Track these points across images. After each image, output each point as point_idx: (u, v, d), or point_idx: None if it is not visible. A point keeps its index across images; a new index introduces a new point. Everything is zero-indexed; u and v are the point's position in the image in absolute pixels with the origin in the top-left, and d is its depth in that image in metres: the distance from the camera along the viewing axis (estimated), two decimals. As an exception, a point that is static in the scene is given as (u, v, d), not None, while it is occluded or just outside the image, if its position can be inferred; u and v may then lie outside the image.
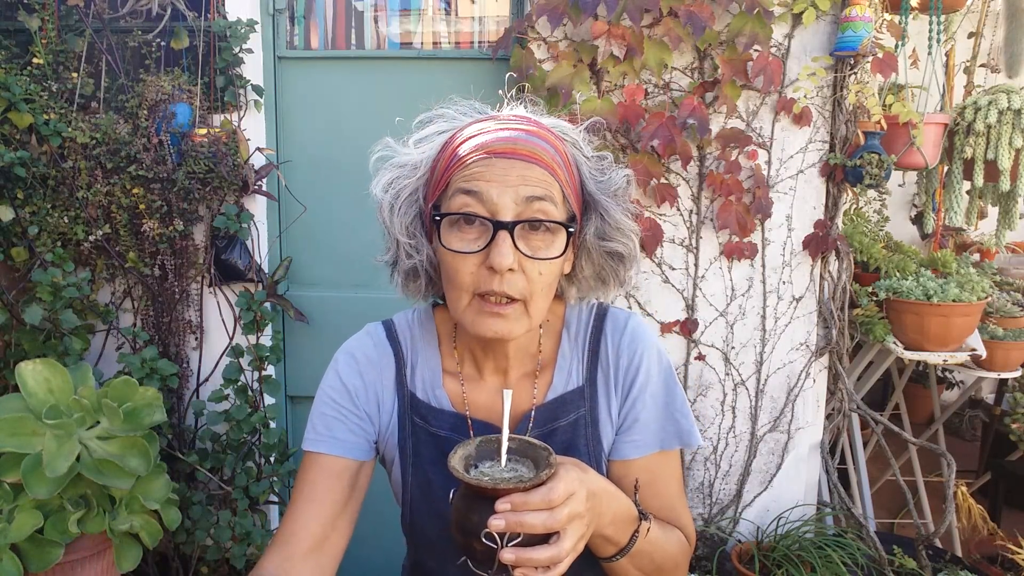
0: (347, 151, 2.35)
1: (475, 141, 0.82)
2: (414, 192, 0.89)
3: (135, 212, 2.20)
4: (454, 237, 0.82)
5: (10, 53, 2.22)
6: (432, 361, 0.96)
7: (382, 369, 0.96)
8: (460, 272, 0.81)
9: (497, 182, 0.79)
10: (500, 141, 0.81)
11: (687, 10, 2.00)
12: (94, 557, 1.80)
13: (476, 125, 0.86)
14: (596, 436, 0.95)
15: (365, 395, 0.95)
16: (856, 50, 2.00)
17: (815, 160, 2.19)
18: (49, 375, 1.79)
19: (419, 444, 0.94)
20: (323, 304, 2.39)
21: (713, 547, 2.23)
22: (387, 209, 0.90)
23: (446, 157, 0.84)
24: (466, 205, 0.80)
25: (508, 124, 0.85)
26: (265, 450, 2.24)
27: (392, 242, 0.91)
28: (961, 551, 2.54)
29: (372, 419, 0.95)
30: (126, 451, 1.79)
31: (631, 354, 0.95)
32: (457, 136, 0.86)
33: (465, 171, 0.81)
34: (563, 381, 0.95)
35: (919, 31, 2.50)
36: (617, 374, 0.95)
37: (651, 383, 0.95)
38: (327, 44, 2.42)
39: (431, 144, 0.88)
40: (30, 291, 2.11)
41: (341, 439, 0.93)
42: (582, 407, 0.95)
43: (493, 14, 2.41)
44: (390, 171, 0.91)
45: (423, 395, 0.95)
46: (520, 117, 0.88)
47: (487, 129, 0.84)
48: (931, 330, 2.15)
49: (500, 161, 0.80)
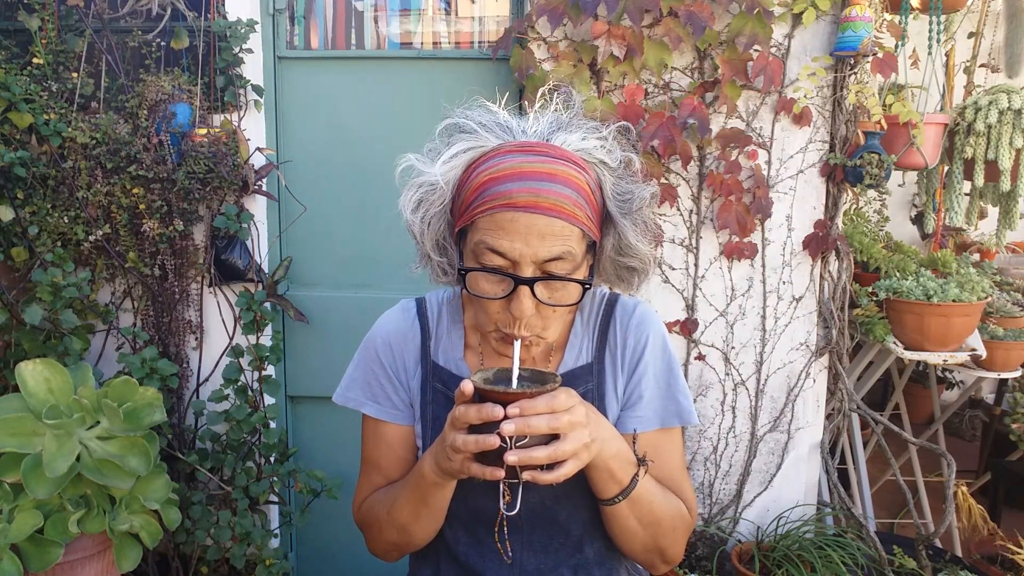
0: (347, 151, 2.35)
1: (500, 188, 0.83)
2: (441, 211, 0.91)
3: (135, 212, 2.20)
4: (481, 278, 0.87)
5: (10, 53, 2.22)
6: (456, 337, 1.04)
7: (409, 340, 1.05)
8: (486, 309, 0.89)
9: (520, 240, 0.83)
10: (525, 192, 0.82)
11: (687, 10, 2.00)
12: (94, 557, 1.80)
13: (503, 161, 0.85)
14: (601, 409, 1.01)
15: (394, 363, 1.04)
16: (856, 50, 2.00)
17: (815, 160, 2.19)
18: (49, 375, 1.79)
19: (439, 409, 1.01)
20: (323, 304, 2.39)
21: (713, 547, 2.23)
22: (417, 230, 0.93)
23: (472, 188, 0.86)
24: (490, 260, 0.85)
25: (535, 162, 0.84)
26: (265, 450, 2.24)
27: (423, 257, 0.97)
28: (961, 551, 2.54)
29: (403, 383, 1.04)
30: (126, 451, 1.79)
31: (638, 335, 1.02)
32: (484, 166, 0.86)
33: (490, 221, 0.84)
34: (573, 357, 1.03)
35: (919, 31, 2.50)
36: (624, 353, 1.03)
37: (654, 363, 1.02)
38: (327, 44, 2.42)
39: (455, 164, 0.88)
40: (30, 291, 2.11)
41: (387, 408, 1.04)
42: (590, 382, 1.02)
43: (493, 14, 2.41)
44: (416, 190, 0.91)
45: (445, 364, 1.03)
46: (546, 147, 0.86)
47: (514, 170, 0.83)
48: (931, 330, 2.15)
49: (523, 217, 0.82)
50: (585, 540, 1.02)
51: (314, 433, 2.49)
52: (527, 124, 0.90)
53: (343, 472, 2.41)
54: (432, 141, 0.93)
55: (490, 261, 0.85)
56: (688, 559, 2.23)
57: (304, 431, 2.50)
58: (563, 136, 0.89)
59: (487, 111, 0.92)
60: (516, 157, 0.84)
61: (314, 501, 2.25)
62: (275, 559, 2.18)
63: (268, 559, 2.17)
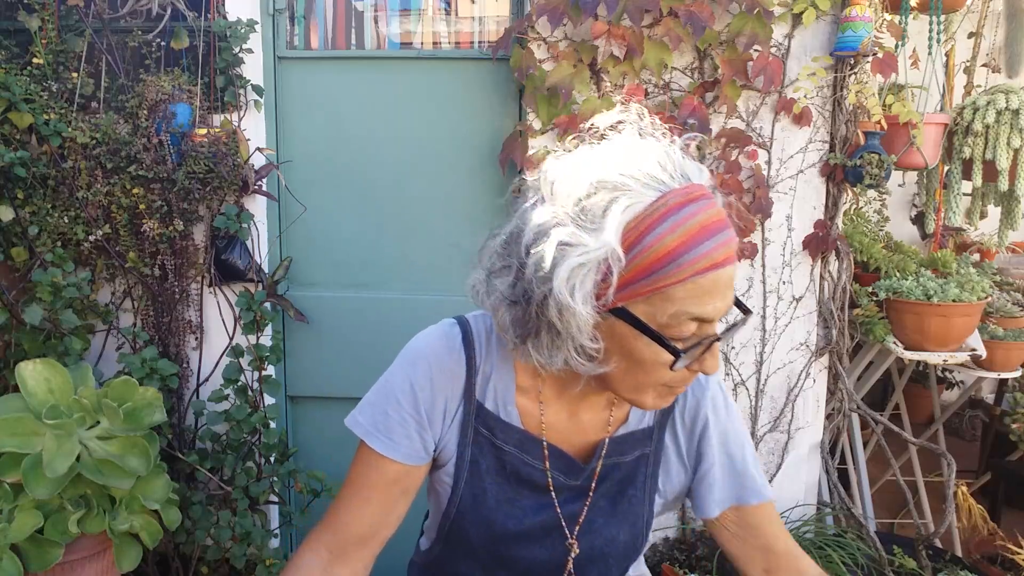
0: (347, 151, 2.35)
1: (700, 250, 0.71)
2: (594, 284, 0.74)
3: (135, 212, 2.20)
4: (664, 353, 0.75)
5: (10, 53, 2.22)
6: (506, 376, 0.92)
7: (453, 376, 0.92)
8: (662, 377, 0.78)
9: (720, 299, 0.74)
10: (722, 248, 0.72)
11: (687, 10, 2.00)
12: (94, 557, 1.80)
13: (684, 218, 0.72)
14: (655, 475, 0.97)
15: (431, 402, 0.91)
16: (856, 50, 2.00)
17: (815, 160, 2.19)
18: (49, 375, 1.79)
19: (480, 454, 0.93)
20: (323, 304, 2.39)
21: (713, 547, 2.23)
22: (576, 317, 0.74)
23: (659, 255, 0.71)
24: (687, 329, 0.74)
25: (708, 210, 0.73)
26: (265, 450, 2.24)
27: (562, 341, 0.77)
28: (961, 551, 2.54)
29: (434, 425, 0.92)
30: (126, 451, 1.79)
31: (699, 400, 0.97)
32: (662, 227, 0.71)
33: (693, 287, 0.72)
34: (637, 419, 0.96)
35: (919, 31, 2.50)
36: (685, 418, 0.97)
37: (719, 430, 0.97)
38: (327, 44, 2.42)
39: (612, 226, 0.72)
40: (30, 291, 2.11)
41: (400, 445, 0.91)
42: (647, 447, 0.96)
43: (493, 14, 2.41)
44: (580, 268, 0.72)
45: (492, 407, 0.92)
46: (699, 188, 0.75)
47: (702, 226, 0.72)
48: (931, 330, 2.15)
49: (723, 274, 0.73)
50: None
51: (314, 433, 2.49)
52: (669, 163, 0.76)
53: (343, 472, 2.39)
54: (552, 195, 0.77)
55: (687, 330, 0.74)
56: (688, 559, 2.23)
57: (304, 431, 2.50)
58: (689, 166, 0.77)
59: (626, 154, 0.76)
60: (690, 209, 0.72)
61: (314, 501, 2.25)
62: (275, 559, 2.18)
63: (268, 559, 2.17)
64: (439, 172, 2.34)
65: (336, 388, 2.43)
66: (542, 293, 0.75)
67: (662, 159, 0.76)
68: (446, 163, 2.34)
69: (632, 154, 0.76)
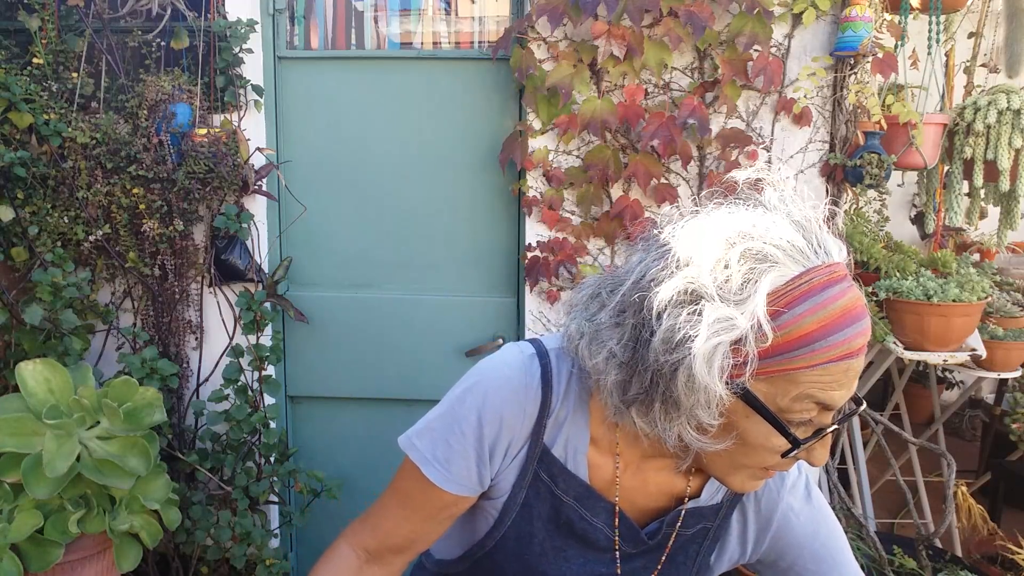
0: (347, 151, 2.35)
1: (839, 336, 0.66)
2: (732, 361, 0.68)
3: (135, 212, 2.20)
4: (776, 437, 0.71)
5: (10, 53, 2.22)
6: (581, 424, 0.85)
7: (526, 416, 0.84)
8: (764, 461, 0.74)
9: (847, 388, 0.69)
10: (860, 337, 0.68)
11: (687, 10, 2.00)
12: (94, 557, 1.80)
13: (827, 299, 0.67)
14: (709, 550, 0.93)
15: (496, 438, 0.84)
16: (856, 50, 2.00)
17: (815, 160, 2.19)
18: (49, 375, 1.79)
19: (535, 498, 0.87)
20: (323, 304, 2.39)
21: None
22: (701, 388, 0.68)
23: (797, 336, 0.66)
24: (807, 413, 0.70)
25: (850, 294, 0.68)
26: (265, 450, 2.24)
27: (679, 415, 0.71)
28: (961, 551, 2.54)
29: (495, 461, 0.86)
30: (126, 451, 1.79)
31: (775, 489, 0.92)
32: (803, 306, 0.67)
33: (823, 373, 0.67)
34: (710, 494, 0.91)
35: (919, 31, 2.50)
36: (760, 503, 0.93)
37: (795, 523, 0.92)
38: (327, 44, 2.42)
39: (761, 301, 0.66)
40: (30, 291, 2.11)
41: (457, 477, 0.86)
42: (712, 522, 0.92)
43: (493, 14, 2.41)
44: (715, 332, 0.66)
45: (560, 454, 0.86)
46: (842, 268, 0.70)
47: (844, 310, 0.67)
48: (931, 330, 2.15)
49: (855, 363, 0.69)
50: None
51: (314, 433, 2.50)
52: (811, 234, 0.70)
53: (343, 472, 2.41)
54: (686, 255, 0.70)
55: (806, 415, 0.70)
56: (688, 559, 2.23)
57: (304, 431, 2.50)
58: (831, 242, 0.71)
59: (772, 222, 0.70)
60: (833, 292, 0.67)
61: (314, 501, 2.25)
62: (275, 559, 2.18)
63: (268, 559, 2.17)
64: (439, 172, 2.34)
65: (336, 388, 2.43)
66: (670, 365, 0.68)
67: (807, 232, 0.70)
68: (446, 163, 2.34)
69: (776, 222, 0.70)
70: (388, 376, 2.41)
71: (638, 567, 0.91)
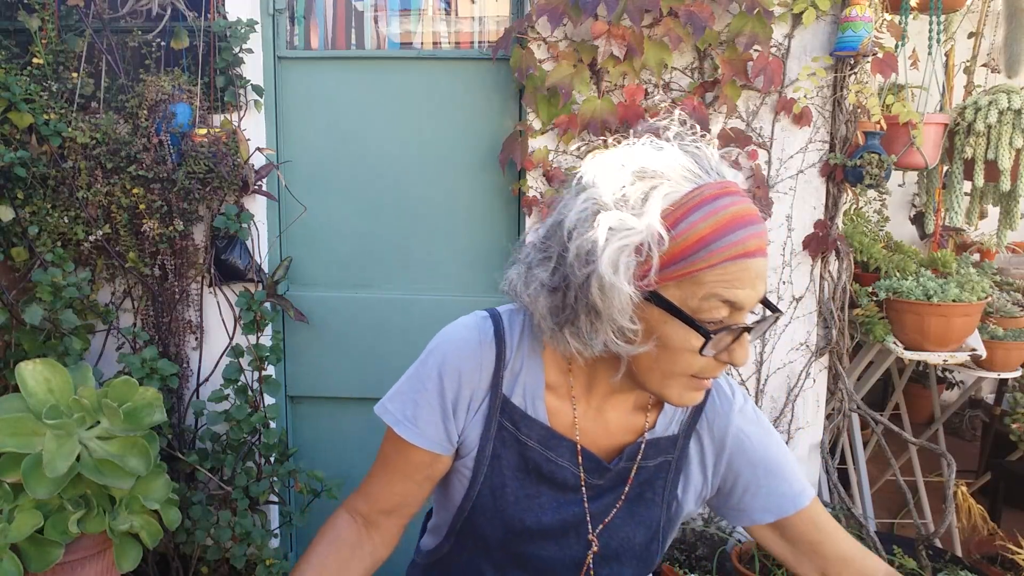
0: (347, 151, 2.35)
1: (732, 237, 0.74)
2: (636, 265, 0.77)
3: (135, 212, 2.20)
4: (694, 337, 0.77)
5: (10, 53, 2.22)
6: (536, 372, 0.93)
7: (482, 368, 0.93)
8: (691, 364, 0.80)
9: (750, 286, 0.77)
10: (754, 238, 0.76)
11: (687, 10, 2.00)
12: (94, 557, 1.80)
13: (719, 207, 0.75)
14: (674, 482, 0.98)
15: (457, 392, 0.92)
16: (856, 50, 2.00)
17: (815, 160, 2.19)
18: (49, 375, 1.79)
19: (502, 447, 0.94)
20: (323, 304, 2.39)
21: (713, 547, 2.23)
22: (616, 295, 0.76)
23: (692, 241, 0.75)
24: (718, 313, 0.77)
25: (742, 204, 0.77)
26: (265, 450, 2.24)
27: (602, 323, 0.79)
28: (961, 551, 2.54)
29: (459, 415, 0.94)
30: (126, 451, 1.79)
31: (725, 415, 0.97)
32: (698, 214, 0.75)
33: (723, 272, 0.75)
34: (664, 425, 0.97)
35: (919, 31, 2.50)
36: (713, 428, 0.98)
37: (745, 445, 0.97)
38: (327, 44, 2.42)
39: (654, 211, 0.76)
40: (30, 291, 2.11)
41: (427, 433, 0.93)
42: (671, 453, 0.97)
43: (493, 14, 2.41)
44: (613, 242, 0.76)
45: (520, 402, 0.93)
46: (734, 185, 0.79)
47: (735, 216, 0.75)
48: (931, 330, 2.15)
49: (754, 263, 0.76)
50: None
51: (314, 433, 2.50)
52: (704, 161, 0.80)
53: (343, 472, 2.41)
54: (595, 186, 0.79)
55: (717, 315, 0.77)
56: (688, 559, 2.23)
57: (304, 431, 2.50)
58: (725, 168, 0.81)
59: (663, 150, 0.79)
60: (724, 201, 0.76)
61: (314, 501, 2.25)
62: (275, 559, 2.18)
63: (268, 559, 2.17)
64: (439, 172, 2.34)
65: (336, 388, 2.43)
66: (584, 275, 0.77)
67: (699, 157, 0.79)
68: (446, 163, 2.34)
69: (671, 151, 0.79)
70: (388, 376, 2.38)
71: (608, 503, 0.95)
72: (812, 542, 0.96)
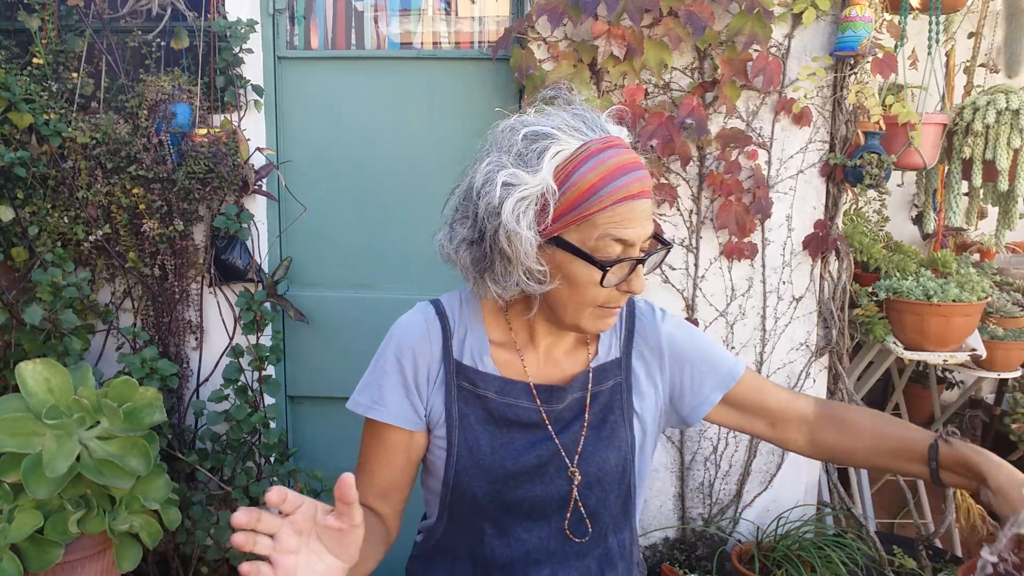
0: (347, 151, 2.35)
1: (617, 183, 0.88)
2: (535, 214, 0.91)
3: (135, 212, 2.20)
4: (595, 272, 0.90)
5: (10, 53, 2.22)
6: (479, 334, 1.05)
7: (431, 342, 1.04)
8: (597, 296, 0.93)
9: (638, 225, 0.90)
10: (636, 183, 0.89)
11: (687, 10, 2.00)
12: (94, 557, 1.80)
13: (603, 159, 0.89)
14: (629, 401, 1.08)
15: (415, 368, 1.03)
16: (856, 50, 2.00)
17: (815, 160, 2.19)
18: (49, 375, 1.79)
19: (467, 406, 1.02)
20: (323, 304, 2.39)
21: (713, 547, 2.23)
22: (522, 243, 0.90)
23: (583, 190, 0.88)
24: (612, 251, 0.90)
25: (625, 155, 0.90)
26: (265, 450, 2.24)
27: (513, 266, 0.93)
28: (961, 551, 2.54)
29: (421, 389, 1.03)
30: (126, 451, 1.79)
31: (654, 327, 1.10)
32: (586, 166, 0.89)
33: (612, 214, 0.88)
34: (605, 351, 1.08)
35: (919, 31, 2.50)
36: (647, 341, 1.10)
37: (676, 344, 1.10)
38: (327, 44, 2.42)
39: (547, 167, 0.89)
40: (30, 291, 2.11)
41: (396, 412, 1.02)
42: (619, 375, 1.07)
43: (493, 14, 2.42)
44: (522, 201, 0.90)
45: (470, 362, 1.04)
46: (618, 140, 0.92)
47: (618, 165, 0.89)
48: (931, 330, 2.15)
49: (639, 204, 0.89)
50: (610, 531, 1.06)
51: (314, 433, 2.50)
52: (590, 121, 0.94)
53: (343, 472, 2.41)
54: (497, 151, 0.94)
55: (612, 252, 0.90)
56: (688, 559, 2.23)
57: (304, 431, 2.50)
58: (609, 125, 0.95)
59: (553, 115, 0.95)
60: (608, 153, 0.89)
61: (314, 501, 2.25)
62: (275, 559, 2.18)
63: (268, 559, 2.17)
64: (439, 172, 2.34)
65: (336, 388, 2.43)
66: (493, 227, 0.91)
67: (586, 119, 0.93)
68: (446, 163, 2.34)
69: (560, 115, 0.94)
70: (388, 376, 2.40)
71: (575, 432, 1.03)
72: (757, 402, 1.10)
